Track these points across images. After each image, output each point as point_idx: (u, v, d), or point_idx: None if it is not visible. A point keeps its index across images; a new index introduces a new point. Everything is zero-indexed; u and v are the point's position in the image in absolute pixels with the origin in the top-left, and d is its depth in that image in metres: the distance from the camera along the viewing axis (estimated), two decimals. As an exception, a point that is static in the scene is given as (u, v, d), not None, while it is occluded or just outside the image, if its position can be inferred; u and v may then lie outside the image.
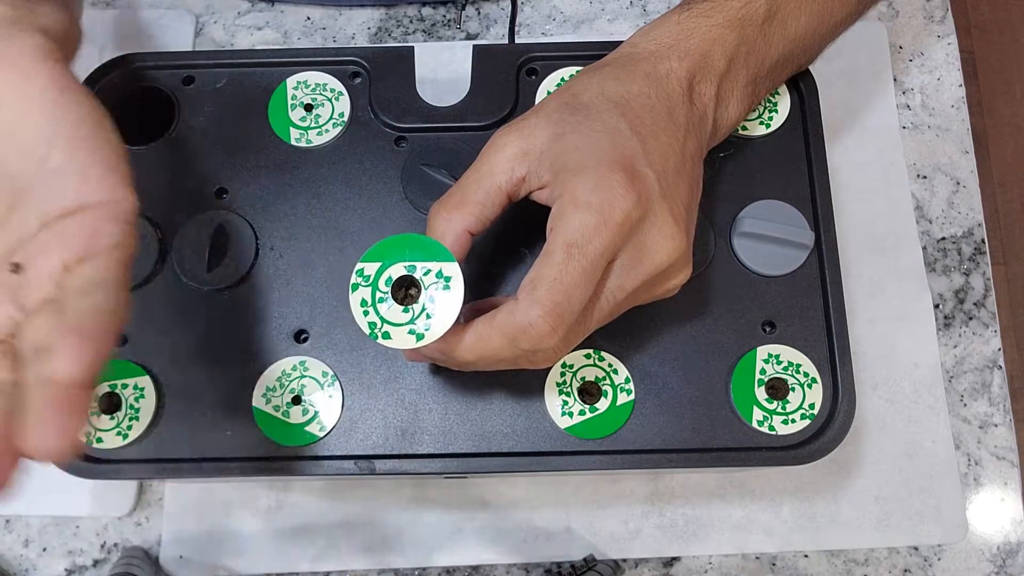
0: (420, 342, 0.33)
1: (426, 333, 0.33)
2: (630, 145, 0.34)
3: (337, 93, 0.45)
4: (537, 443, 0.40)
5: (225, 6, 0.61)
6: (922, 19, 0.61)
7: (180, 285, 0.42)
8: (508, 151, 0.35)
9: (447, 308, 0.33)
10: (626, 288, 0.34)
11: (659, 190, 0.34)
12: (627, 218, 0.32)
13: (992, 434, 0.54)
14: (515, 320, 0.32)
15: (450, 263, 0.33)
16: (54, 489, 0.51)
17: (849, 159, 0.57)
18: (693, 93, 0.37)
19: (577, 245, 0.32)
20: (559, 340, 0.33)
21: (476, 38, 0.61)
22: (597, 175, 0.33)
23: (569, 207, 0.33)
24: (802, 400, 0.40)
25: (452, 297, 0.33)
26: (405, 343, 0.33)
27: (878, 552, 0.52)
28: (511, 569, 0.52)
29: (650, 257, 0.34)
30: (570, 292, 0.32)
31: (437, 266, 0.33)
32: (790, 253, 0.42)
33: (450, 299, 0.33)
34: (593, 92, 0.36)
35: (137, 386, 0.41)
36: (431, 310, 0.33)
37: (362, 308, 0.33)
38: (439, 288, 0.33)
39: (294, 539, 0.51)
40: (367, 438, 0.40)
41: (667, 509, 0.52)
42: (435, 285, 0.33)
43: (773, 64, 0.40)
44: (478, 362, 0.34)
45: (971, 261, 0.57)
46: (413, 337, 0.33)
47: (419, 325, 0.33)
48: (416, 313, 0.33)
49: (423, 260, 0.33)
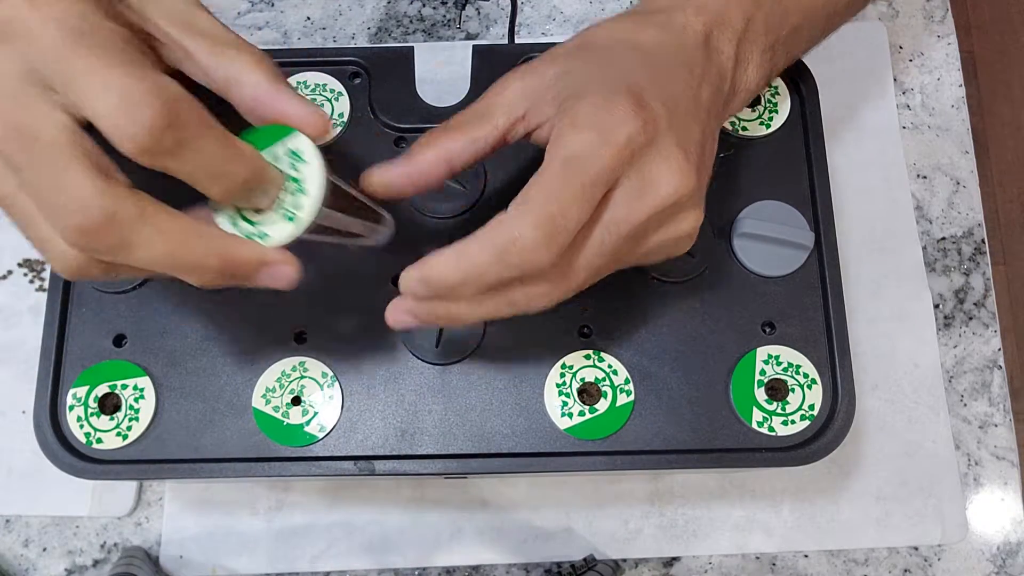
0: (297, 222, 0.30)
1: (299, 213, 0.30)
2: (640, 81, 0.32)
3: (337, 93, 0.45)
4: (537, 444, 0.40)
5: (225, 6, 0.61)
6: (922, 19, 0.61)
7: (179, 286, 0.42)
8: (511, 89, 0.34)
9: (312, 180, 0.30)
10: (628, 221, 0.31)
11: (667, 121, 0.31)
12: (630, 141, 0.30)
13: (992, 434, 0.54)
14: (503, 231, 0.29)
15: (293, 137, 0.31)
16: (54, 489, 0.51)
17: (849, 159, 0.57)
18: (710, 48, 0.35)
19: (575, 160, 0.30)
20: (551, 260, 0.30)
21: (476, 38, 0.61)
22: (601, 97, 0.31)
23: (568, 128, 0.31)
24: (802, 401, 0.40)
25: (312, 168, 0.30)
26: (284, 231, 0.30)
27: (878, 552, 0.52)
28: (511, 569, 0.52)
29: (654, 189, 0.31)
30: (565, 206, 0.29)
31: (283, 147, 0.31)
32: (790, 253, 0.42)
33: (311, 170, 0.30)
34: (605, 35, 0.35)
35: (137, 387, 0.41)
36: (294, 191, 0.31)
37: (232, 225, 0.31)
38: (295, 165, 0.31)
39: (294, 539, 0.51)
40: (367, 438, 0.40)
41: (667, 509, 0.52)
42: (289, 164, 0.31)
43: (789, 32, 0.38)
44: (464, 286, 0.30)
45: (971, 261, 0.57)
46: (290, 223, 0.31)
47: (288, 207, 0.31)
48: (283, 200, 0.31)
49: (268, 146, 0.31)
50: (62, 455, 0.40)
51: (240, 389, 0.41)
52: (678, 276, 0.42)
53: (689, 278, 0.42)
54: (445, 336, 0.41)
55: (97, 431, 0.40)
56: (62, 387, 0.41)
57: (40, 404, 0.41)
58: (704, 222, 0.42)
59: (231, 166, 0.28)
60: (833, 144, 0.57)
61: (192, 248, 0.29)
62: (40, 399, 0.41)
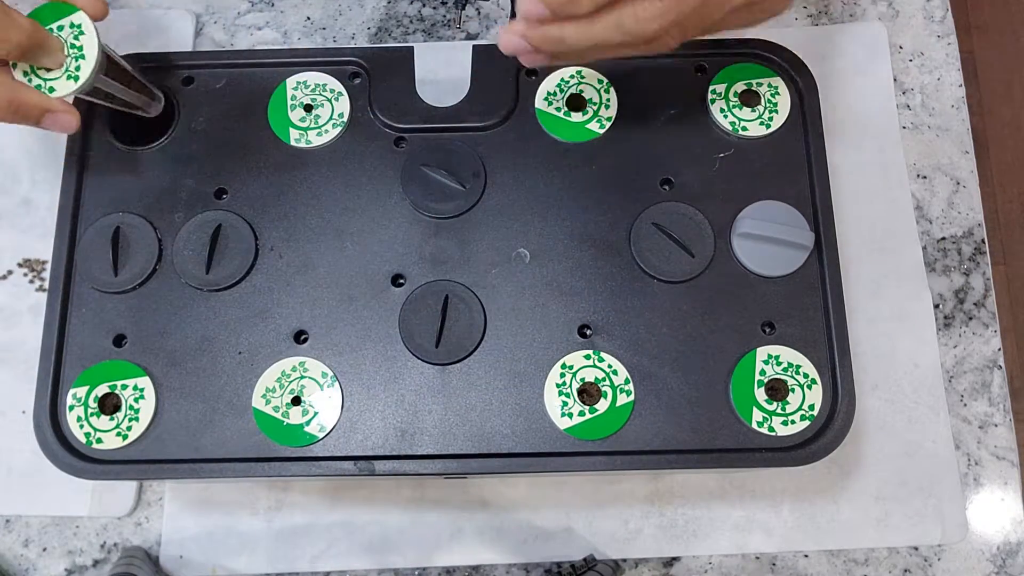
0: (78, 81, 0.38)
1: (79, 74, 0.38)
2: None
3: (337, 93, 0.45)
4: (537, 444, 0.40)
5: (225, 6, 0.61)
6: (922, 19, 0.61)
7: (180, 286, 0.42)
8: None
9: (89, 47, 0.39)
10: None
11: None
12: None
13: (992, 434, 0.54)
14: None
15: (76, 14, 0.39)
16: (54, 489, 0.51)
17: (849, 159, 0.57)
18: None
19: None
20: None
21: (476, 38, 0.61)
22: None
23: None
24: (802, 401, 0.40)
25: (89, 39, 0.38)
26: (67, 87, 0.38)
27: (878, 552, 0.52)
28: (511, 569, 0.52)
29: None
30: None
31: (68, 22, 0.39)
32: (790, 254, 0.42)
33: (89, 40, 0.38)
34: None
35: (137, 387, 0.41)
36: (76, 56, 0.39)
37: (25, 78, 0.39)
38: (77, 37, 0.39)
39: (294, 539, 0.51)
40: (367, 438, 0.40)
41: (667, 509, 0.52)
42: (72, 35, 0.39)
43: None
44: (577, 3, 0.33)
45: (971, 261, 0.57)
46: (72, 81, 0.38)
47: (72, 69, 0.39)
48: (69, 65, 0.39)
49: (55, 21, 0.39)
50: (62, 455, 0.40)
51: (240, 389, 0.41)
52: (678, 276, 0.42)
53: (689, 278, 0.42)
54: (445, 336, 0.41)
55: (97, 431, 0.40)
56: (62, 387, 0.41)
57: (40, 404, 0.41)
58: (704, 222, 0.43)
59: (7, 32, 0.36)
60: (833, 144, 0.57)
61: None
62: (40, 399, 0.41)
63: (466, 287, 0.42)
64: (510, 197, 0.44)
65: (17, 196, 0.57)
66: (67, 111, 0.39)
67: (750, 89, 0.45)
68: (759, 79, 0.45)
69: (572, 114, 0.45)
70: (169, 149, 0.45)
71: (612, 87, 0.45)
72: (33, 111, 0.38)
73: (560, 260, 0.43)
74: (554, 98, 0.45)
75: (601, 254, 0.43)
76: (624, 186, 0.44)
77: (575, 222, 0.43)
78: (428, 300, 0.42)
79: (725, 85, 0.45)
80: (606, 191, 0.44)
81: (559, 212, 0.43)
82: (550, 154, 0.44)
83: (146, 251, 0.43)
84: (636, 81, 0.45)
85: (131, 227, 0.43)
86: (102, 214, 0.43)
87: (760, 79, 0.45)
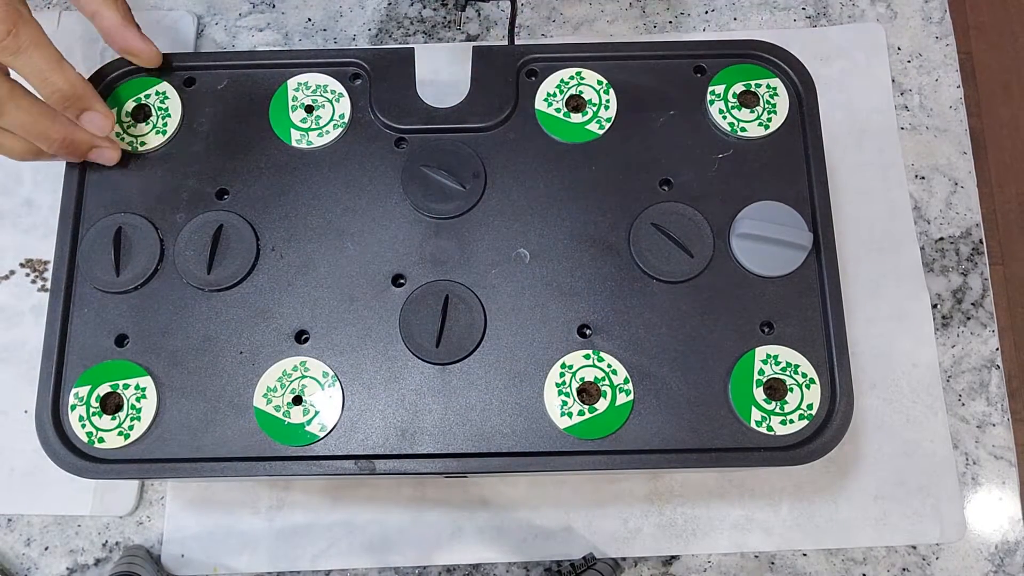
0: (164, 135, 0.44)
1: (166, 127, 0.44)
2: None
3: (338, 95, 0.45)
4: (537, 443, 0.40)
5: (226, 7, 0.61)
6: (920, 20, 0.61)
7: (181, 286, 0.43)
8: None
9: (173, 109, 0.44)
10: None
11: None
12: None
13: (990, 433, 0.54)
14: None
15: (160, 83, 0.44)
16: (56, 488, 0.52)
17: (847, 160, 0.57)
18: None
19: None
20: None
21: (476, 40, 0.61)
22: None
23: None
24: (800, 400, 0.41)
25: (172, 103, 0.43)
26: (156, 140, 0.44)
27: (876, 551, 0.52)
28: (511, 568, 0.52)
29: None
30: None
31: (152, 90, 0.43)
32: (788, 254, 0.42)
33: (172, 104, 0.43)
34: None
35: (138, 386, 0.41)
36: (162, 116, 0.44)
37: None
38: (160, 102, 0.44)
39: (295, 538, 0.52)
40: (367, 438, 0.40)
41: (666, 508, 0.52)
42: (156, 101, 0.45)
43: None
44: None
45: (969, 261, 0.57)
46: (159, 135, 0.44)
47: (159, 125, 0.45)
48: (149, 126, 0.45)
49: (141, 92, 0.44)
50: (64, 454, 0.40)
51: (241, 389, 0.41)
52: (677, 276, 0.42)
53: (688, 278, 0.42)
54: (445, 336, 0.41)
55: (99, 430, 0.40)
56: (64, 387, 0.41)
57: (42, 403, 0.41)
58: (703, 223, 0.43)
59: (52, 76, 0.40)
60: (831, 145, 0.57)
61: (43, 124, 0.41)
62: (42, 399, 0.41)
63: (466, 287, 0.42)
64: (510, 197, 0.44)
65: (19, 196, 0.57)
66: (111, 147, 0.43)
67: (749, 90, 0.45)
68: (758, 80, 0.45)
69: (572, 115, 0.45)
70: (171, 150, 0.45)
71: (611, 88, 0.45)
72: (82, 147, 0.43)
73: (560, 260, 0.43)
74: (554, 99, 0.45)
75: (600, 254, 0.43)
76: (623, 187, 0.44)
77: (575, 222, 0.43)
78: (428, 300, 0.42)
79: (724, 86, 0.45)
80: (605, 192, 0.44)
81: (559, 212, 0.44)
82: (550, 155, 0.45)
83: (148, 251, 0.43)
84: (635, 82, 0.46)
85: (133, 227, 0.43)
86: (104, 214, 0.44)
87: (759, 80, 0.45)
